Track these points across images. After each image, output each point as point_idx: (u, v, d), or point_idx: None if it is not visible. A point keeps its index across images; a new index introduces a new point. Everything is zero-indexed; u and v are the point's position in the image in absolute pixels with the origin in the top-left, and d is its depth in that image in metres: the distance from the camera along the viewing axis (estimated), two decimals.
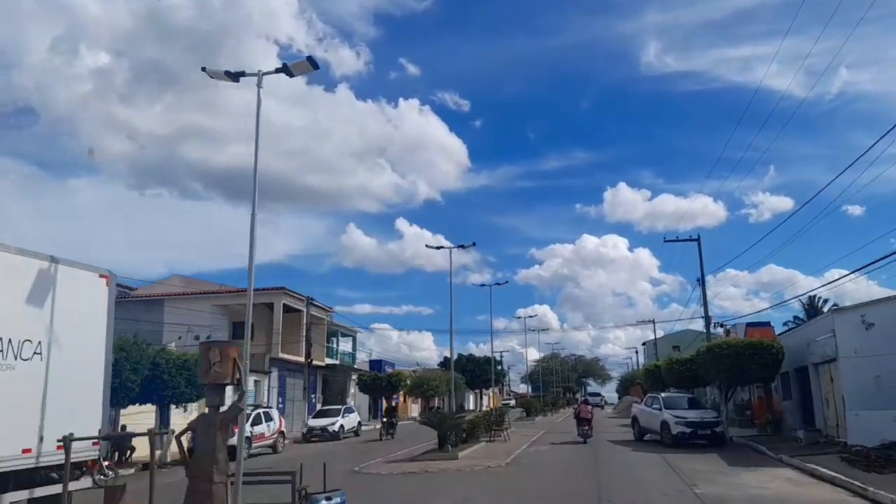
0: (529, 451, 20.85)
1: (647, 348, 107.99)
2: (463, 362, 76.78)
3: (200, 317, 33.46)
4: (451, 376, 59.86)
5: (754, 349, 20.76)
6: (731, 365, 20.92)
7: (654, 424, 22.32)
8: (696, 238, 32.79)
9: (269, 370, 33.08)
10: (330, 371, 41.51)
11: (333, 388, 43.83)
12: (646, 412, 23.41)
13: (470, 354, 77.94)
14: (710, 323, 31.42)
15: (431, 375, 53.15)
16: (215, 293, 34.72)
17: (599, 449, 21.37)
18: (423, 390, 52.21)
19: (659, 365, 44.68)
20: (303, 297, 34.46)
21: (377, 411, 50.21)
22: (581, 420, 24.13)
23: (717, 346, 21.47)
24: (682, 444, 20.51)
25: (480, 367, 76.37)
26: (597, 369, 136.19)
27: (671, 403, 22.26)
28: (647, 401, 23.95)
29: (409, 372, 58.70)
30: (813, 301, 51.25)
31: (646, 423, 23.33)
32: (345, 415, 31.17)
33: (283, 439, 24.43)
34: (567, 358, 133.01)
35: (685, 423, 20.67)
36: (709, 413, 21.70)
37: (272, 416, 24.00)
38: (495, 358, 79.52)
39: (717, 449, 20.20)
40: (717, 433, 20.72)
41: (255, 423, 22.57)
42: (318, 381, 39.45)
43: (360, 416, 48.05)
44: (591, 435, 24.00)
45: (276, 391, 34.25)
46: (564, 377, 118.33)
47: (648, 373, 46.35)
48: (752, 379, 21.53)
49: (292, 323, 35.99)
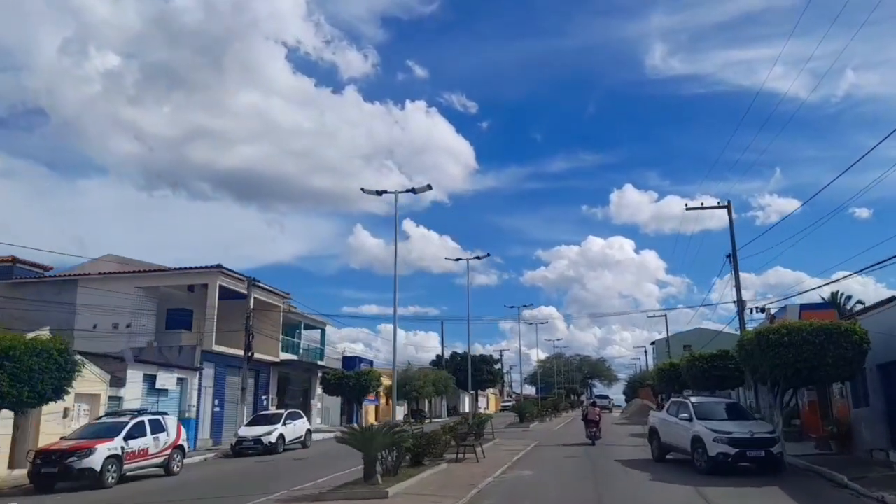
0: (505, 478, 14.63)
1: (657, 347, 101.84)
2: (457, 361, 70.46)
3: (121, 300, 27.38)
4: (440, 376, 53.71)
5: (829, 336, 14.44)
6: (793, 358, 14.61)
7: (682, 441, 16.05)
8: (727, 204, 26.50)
9: (199, 366, 26.95)
10: (290, 369, 35.35)
11: (295, 389, 37.68)
12: (669, 423, 17.12)
13: (465, 353, 71.52)
14: (743, 308, 25.05)
15: (415, 375, 46.91)
16: (137, 272, 28.60)
17: (605, 474, 15.14)
18: (406, 391, 46.02)
19: (675, 363, 38.35)
20: (244, 277, 28.32)
21: (352, 416, 44.11)
22: (589, 422, 24.29)
23: (773, 332, 15.13)
24: (722, 469, 14.31)
25: (476, 367, 69.98)
26: (603, 370, 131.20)
27: (706, 412, 15.97)
28: (671, 408, 17.65)
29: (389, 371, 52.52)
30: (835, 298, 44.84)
31: (669, 437, 17.05)
32: (287, 422, 25.00)
33: (180, 456, 18.25)
34: (572, 358, 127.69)
35: (728, 441, 14.39)
36: (760, 426, 15.37)
37: (164, 424, 17.85)
38: (493, 357, 73.18)
39: (775, 478, 13.99)
40: (774, 456, 14.43)
41: (132, 435, 16.44)
42: (272, 380, 33.31)
43: (330, 420, 42.18)
44: (600, 437, 24.32)
45: (211, 392, 28.12)
46: (569, 378, 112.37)
47: (661, 373, 40.05)
48: (824, 377, 15.18)
49: (239, 310, 29.88)
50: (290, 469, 18.34)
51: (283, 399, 35.82)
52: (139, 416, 17.29)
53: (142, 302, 28.28)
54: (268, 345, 32.15)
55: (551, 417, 44.53)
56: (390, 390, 47.85)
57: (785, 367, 14.86)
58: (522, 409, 36.18)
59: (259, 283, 29.47)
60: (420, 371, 49.06)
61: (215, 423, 28.10)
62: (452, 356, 71.20)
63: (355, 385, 35.35)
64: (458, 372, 69.92)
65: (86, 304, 27.52)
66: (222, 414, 28.58)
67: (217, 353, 28.04)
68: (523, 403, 35.42)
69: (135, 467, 16.62)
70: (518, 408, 35.29)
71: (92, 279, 28.46)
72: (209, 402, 27.99)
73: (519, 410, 35.80)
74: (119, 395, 22.55)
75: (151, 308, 28.84)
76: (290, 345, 36.74)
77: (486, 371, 70.16)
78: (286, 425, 24.66)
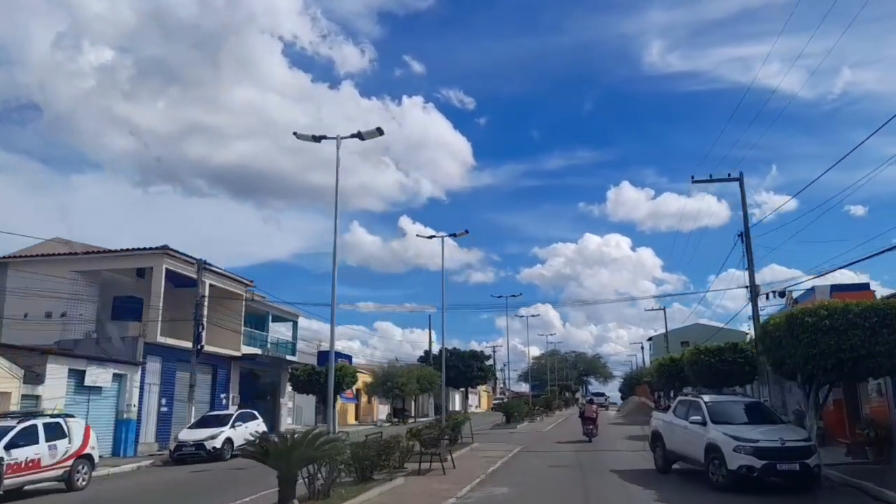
0: (471, 499, 11.54)
1: (654, 344, 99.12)
2: (446, 357, 67.36)
3: (57, 285, 24.19)
4: (425, 372, 50.64)
5: (883, 318, 11.43)
6: (835, 345, 11.59)
7: (693, 449, 13.01)
8: (738, 177, 23.49)
9: (141, 360, 23.80)
10: (255, 364, 32.21)
11: (263, 387, 34.57)
12: (676, 427, 14.07)
13: (454, 348, 68.47)
14: (757, 294, 22.02)
15: (398, 371, 43.84)
16: (73, 255, 25.40)
17: (599, 492, 12.08)
18: (388, 388, 42.97)
19: (676, 358, 35.38)
20: (194, 260, 25.13)
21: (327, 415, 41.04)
22: (586, 419, 24.09)
23: (809, 314, 12.06)
24: (744, 485, 11.32)
25: (466, 363, 66.96)
26: (599, 367, 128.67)
27: (723, 414, 12.92)
28: (679, 408, 14.57)
29: (372, 367, 49.36)
30: None
31: (676, 444, 14.00)
32: (238, 423, 21.90)
33: (86, 468, 15.13)
34: (567, 355, 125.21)
35: (754, 452, 11.35)
36: (791, 432, 12.33)
37: (66, 429, 14.72)
38: (484, 353, 70.20)
39: (809, 496, 11.10)
40: (811, 469, 11.40)
41: (16, 443, 13.31)
42: (233, 377, 30.16)
43: (303, 420, 39.05)
44: (596, 434, 24.15)
45: (158, 389, 24.99)
46: (564, 375, 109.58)
47: (661, 368, 37.07)
48: (874, 369, 12.10)
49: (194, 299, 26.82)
50: (217, 483, 15.30)
51: (250, 398, 32.76)
52: (31, 420, 14.14)
53: (80, 288, 25.10)
54: (228, 338, 29.06)
55: (542, 416, 41.50)
56: (373, 388, 44.75)
57: (824, 356, 11.84)
58: (509, 408, 33.04)
59: (214, 268, 26.36)
60: (404, 367, 45.97)
61: (162, 424, 24.98)
62: (441, 352, 68.10)
63: (326, 382, 32.16)
64: (447, 368, 66.94)
65: (15, 289, 24.37)
66: (170, 414, 25.45)
67: (165, 345, 24.90)
68: (510, 402, 32.16)
69: (21, 482, 13.49)
70: (505, 407, 32.12)
71: (23, 262, 25.28)
72: (155, 402, 24.86)
73: (505, 410, 32.65)
74: (36, 393, 19.41)
75: (92, 295, 25.67)
76: (257, 338, 33.65)
77: (476, 367, 67.11)
78: (236, 428, 21.55)
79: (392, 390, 42.57)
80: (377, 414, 49.63)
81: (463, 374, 66.35)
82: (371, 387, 43.60)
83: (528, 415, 39.42)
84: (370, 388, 43.62)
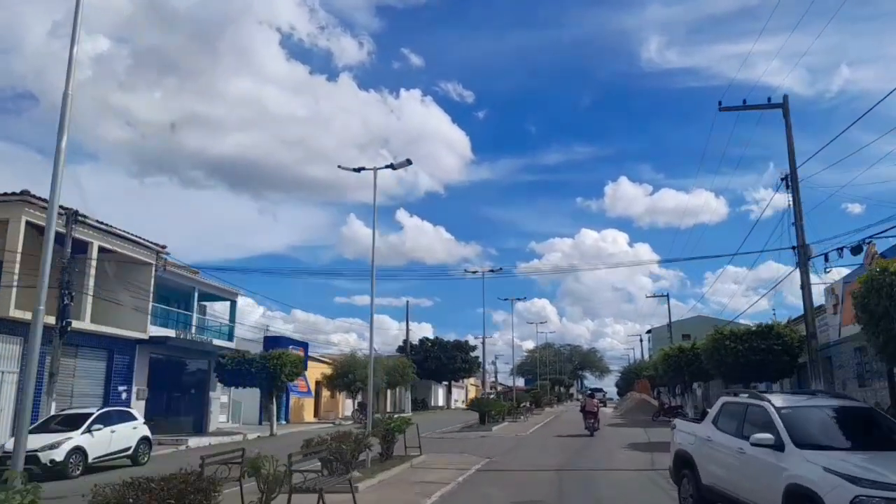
0: None
1: (654, 336, 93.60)
2: (426, 347, 61.72)
3: None
4: (396, 363, 44.85)
5: None
6: None
7: (758, 491, 7.17)
8: (780, 103, 17.64)
9: None
10: (173, 350, 26.31)
11: (188, 378, 28.71)
12: (719, 450, 8.22)
13: (436, 338, 62.73)
14: (808, 255, 16.15)
15: (360, 362, 37.97)
16: None
17: None
18: (348, 382, 37.17)
19: (687, 347, 29.67)
20: (63, 210, 19.11)
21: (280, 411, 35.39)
22: (587, 413, 24.36)
23: None
24: None
25: (449, 354, 61.24)
26: (594, 361, 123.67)
27: (812, 428, 7.13)
28: (723, 416, 8.66)
29: (331, 357, 43.57)
30: None
31: (721, 478, 8.13)
32: (97, 426, 15.93)
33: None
34: (562, 348, 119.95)
35: None
36: None
37: None
38: (468, 343, 64.47)
39: None
40: None
41: None
42: (139, 365, 24.20)
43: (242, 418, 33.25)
44: (598, 427, 24.39)
45: (15, 379, 19.07)
46: (558, 369, 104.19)
47: (667, 359, 31.36)
48: None
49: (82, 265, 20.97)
50: None
51: (168, 391, 26.95)
52: None
53: None
54: (133, 317, 23.22)
55: (528, 415, 35.68)
56: (335, 381, 38.94)
57: None
58: (483, 406, 26.93)
59: (84, 219, 20.44)
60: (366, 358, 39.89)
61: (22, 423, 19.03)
62: (422, 342, 62.35)
63: (261, 372, 26.39)
64: (428, 360, 61.25)
65: None
66: (36, 412, 19.51)
67: (23, 321, 18.94)
68: (483, 399, 26.04)
69: None
70: (478, 404, 25.95)
71: None
72: (12, 394, 18.96)
73: (478, 408, 26.51)
74: None
75: None
76: (181, 319, 27.76)
77: (459, 359, 61.38)
78: (93, 432, 15.64)
79: (354, 383, 36.74)
80: (342, 410, 43.79)
81: (445, 366, 60.66)
82: (330, 380, 37.79)
83: (510, 413, 33.70)
84: (330, 380, 37.83)
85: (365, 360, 38.51)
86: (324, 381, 38.19)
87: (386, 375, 43.36)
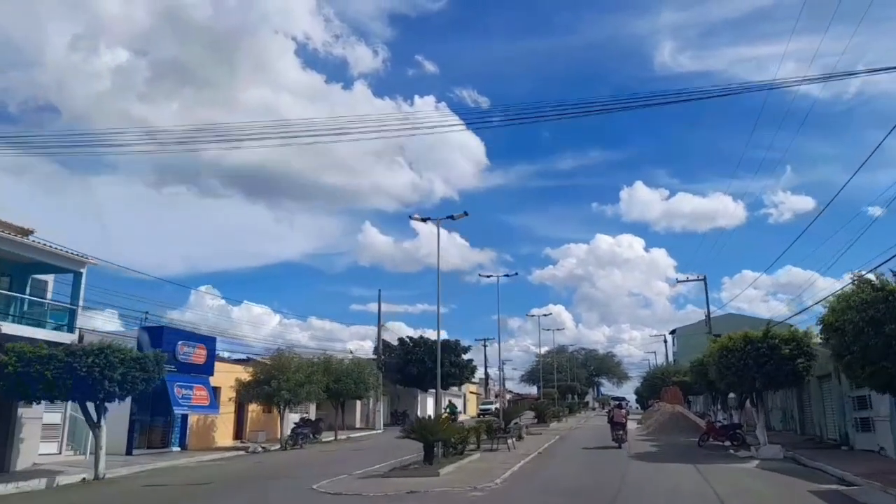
0: None
1: (680, 337, 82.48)
2: (408, 348, 51.20)
3: None
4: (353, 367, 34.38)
5: None
6: None
7: None
8: None
9: None
10: None
11: None
12: None
13: (420, 336, 52.04)
14: None
15: (286, 364, 27.50)
16: None
17: None
18: (269, 392, 26.84)
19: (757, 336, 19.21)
20: None
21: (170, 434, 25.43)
22: (615, 424, 23.83)
23: None
24: None
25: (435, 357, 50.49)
26: (612, 366, 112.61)
27: None
28: None
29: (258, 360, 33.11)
30: None
31: None
32: None
33: None
34: (576, 353, 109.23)
35: None
36: None
37: None
38: (461, 344, 53.76)
39: None
40: None
41: None
42: None
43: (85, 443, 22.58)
44: (626, 440, 23.68)
45: None
46: (572, 376, 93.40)
47: (724, 355, 20.91)
48: None
49: None
50: None
51: None
52: None
53: None
54: None
55: (513, 441, 25.01)
56: (251, 391, 28.63)
57: None
58: (428, 431, 15.69)
59: None
60: (300, 360, 29.17)
61: None
62: (402, 342, 51.84)
63: (64, 377, 16.06)
64: (410, 364, 50.70)
65: None
66: None
67: None
68: (425, 423, 15.32)
69: None
70: (421, 431, 15.06)
71: None
72: None
73: (423, 435, 15.44)
74: None
75: None
76: None
77: (448, 362, 50.64)
78: None
79: (277, 393, 26.34)
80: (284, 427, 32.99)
81: (430, 371, 49.91)
82: (246, 388, 27.44)
83: (492, 435, 23.12)
84: (244, 390, 27.49)
85: (294, 361, 28.10)
86: (237, 390, 27.78)
87: (336, 383, 32.98)
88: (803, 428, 26.42)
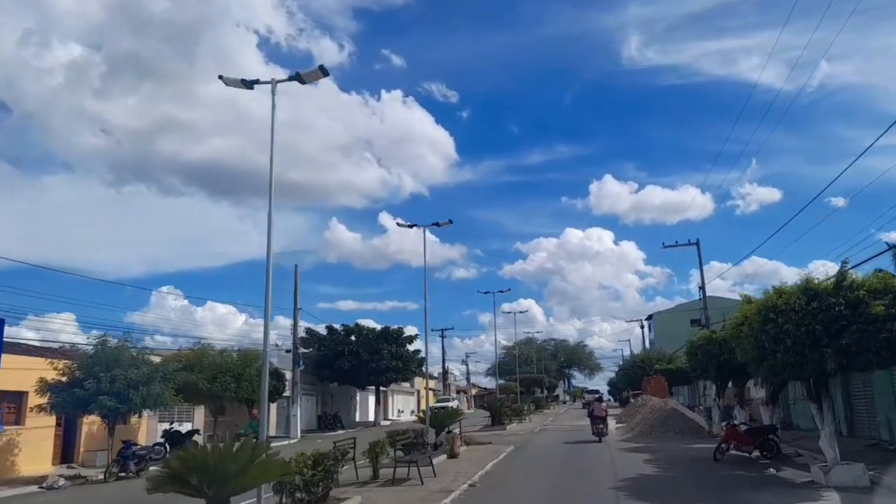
0: None
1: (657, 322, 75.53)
2: (338, 339, 42.59)
3: None
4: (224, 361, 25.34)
5: None
6: None
7: None
8: None
9: None
10: None
11: None
12: None
13: (356, 324, 43.38)
14: None
15: (107, 357, 18.79)
16: None
17: None
18: (80, 399, 18.08)
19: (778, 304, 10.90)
20: None
21: None
22: (595, 418, 23.79)
23: None
24: None
25: (372, 347, 42.13)
26: (583, 357, 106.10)
27: None
28: None
29: None
30: None
31: None
32: None
33: None
34: (545, 343, 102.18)
35: None
36: None
37: None
38: (403, 332, 45.36)
39: None
40: None
41: None
42: None
43: None
44: (607, 433, 23.81)
45: None
46: (541, 367, 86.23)
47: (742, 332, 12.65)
48: None
49: None
50: None
51: None
52: None
53: None
54: None
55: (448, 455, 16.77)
56: (59, 396, 19.43)
57: None
58: (202, 474, 8.03)
59: None
60: (127, 350, 19.82)
61: None
62: (331, 331, 43.19)
63: None
64: (342, 357, 42.13)
65: None
66: None
67: None
68: (204, 454, 8.44)
69: None
70: (181, 474, 7.88)
71: None
72: None
73: (192, 487, 8.02)
74: None
75: None
76: None
77: (389, 354, 42.24)
78: None
79: (95, 399, 17.68)
80: (143, 438, 24.14)
81: (367, 364, 41.50)
82: (57, 393, 18.65)
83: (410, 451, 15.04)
84: (46, 391, 18.69)
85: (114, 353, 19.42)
86: (39, 392, 18.82)
87: (211, 382, 24.29)
88: (852, 428, 18.72)
